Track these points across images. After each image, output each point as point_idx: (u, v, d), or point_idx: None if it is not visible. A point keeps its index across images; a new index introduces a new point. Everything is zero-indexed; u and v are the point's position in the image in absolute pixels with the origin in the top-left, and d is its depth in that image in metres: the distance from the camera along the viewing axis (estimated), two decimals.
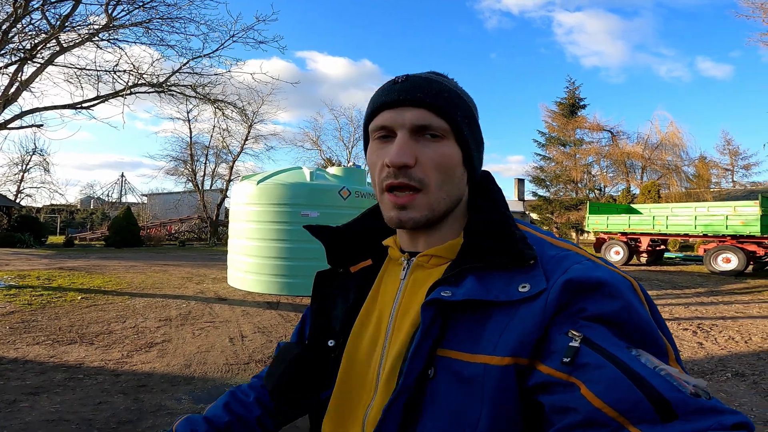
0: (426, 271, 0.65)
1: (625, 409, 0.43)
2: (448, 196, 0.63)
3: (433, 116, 0.61)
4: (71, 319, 5.68)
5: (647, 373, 0.44)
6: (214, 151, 26.72)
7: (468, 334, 0.55)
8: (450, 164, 0.62)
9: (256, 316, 6.14)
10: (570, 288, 0.52)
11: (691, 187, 25.91)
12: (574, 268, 0.55)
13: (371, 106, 0.66)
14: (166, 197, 29.35)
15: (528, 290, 0.54)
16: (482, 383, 0.51)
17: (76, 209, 33.49)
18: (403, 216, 0.61)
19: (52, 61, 9.39)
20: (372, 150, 0.66)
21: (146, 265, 11.93)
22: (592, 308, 0.51)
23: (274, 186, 7.90)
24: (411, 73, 0.65)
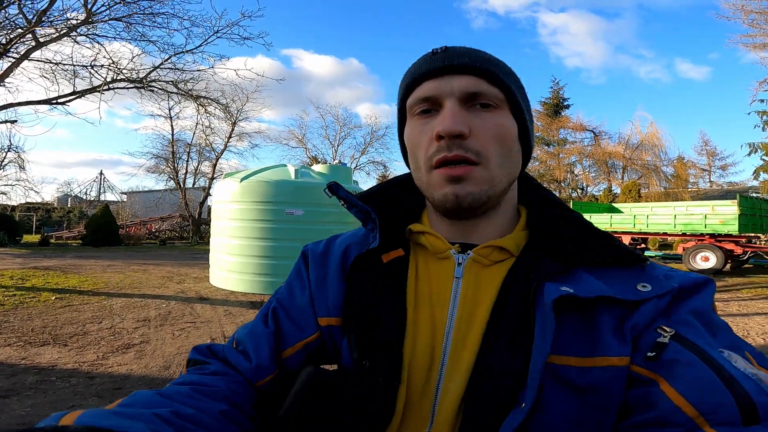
0: (486, 269, 0.55)
1: (708, 410, 0.40)
2: (508, 174, 0.55)
3: (485, 83, 0.54)
4: (44, 320, 5.47)
5: (739, 375, 0.42)
6: (196, 148, 26.28)
7: (579, 336, 0.49)
8: (508, 137, 0.54)
9: (239, 316, 6.01)
10: (681, 293, 0.51)
11: (669, 187, 26.53)
12: (677, 275, 0.54)
13: (408, 78, 0.57)
14: (147, 195, 28.73)
15: (650, 290, 0.51)
16: (608, 388, 0.46)
17: (52, 207, 32.57)
18: (460, 191, 0.52)
19: (27, 56, 9.11)
20: (412, 128, 0.57)
21: (125, 265, 11.63)
22: (689, 305, 0.50)
23: (257, 183, 7.77)
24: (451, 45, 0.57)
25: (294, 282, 0.68)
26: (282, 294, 0.68)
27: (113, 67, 9.99)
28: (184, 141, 25.88)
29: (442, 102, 0.54)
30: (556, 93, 29.73)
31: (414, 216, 0.64)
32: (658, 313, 0.50)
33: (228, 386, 0.55)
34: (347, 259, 0.64)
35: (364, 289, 0.59)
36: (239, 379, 0.58)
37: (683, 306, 0.50)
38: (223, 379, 0.56)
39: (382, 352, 0.54)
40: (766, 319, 6.60)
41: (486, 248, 0.56)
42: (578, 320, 0.49)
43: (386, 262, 0.59)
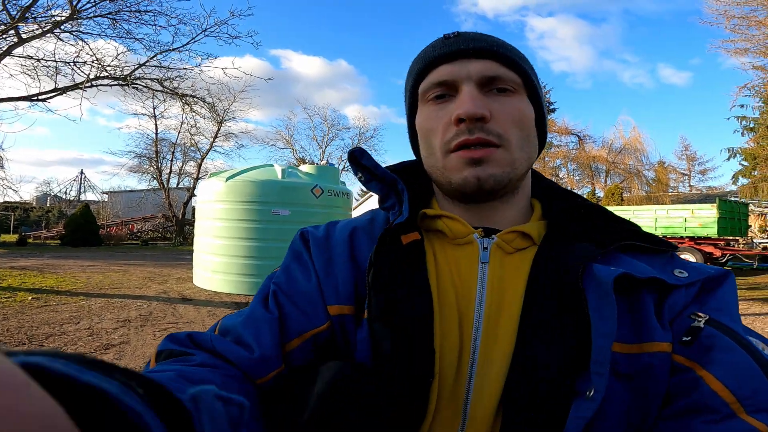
0: (510, 256, 0.52)
1: (746, 396, 0.39)
2: (528, 158, 0.53)
3: (502, 67, 0.52)
4: (20, 320, 5.30)
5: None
6: (181, 148, 25.95)
7: (627, 322, 0.46)
8: (527, 121, 0.53)
9: (222, 317, 5.90)
10: (708, 283, 0.51)
11: (651, 191, 27.09)
12: (703, 267, 0.53)
13: (420, 63, 0.54)
14: (129, 195, 28.23)
15: (687, 276, 0.50)
16: (656, 375, 0.44)
17: (31, 207, 31.77)
18: (481, 173, 0.49)
19: (9, 53, 8.90)
20: (426, 114, 0.54)
21: (105, 265, 11.37)
22: (717, 295, 0.50)
23: (243, 183, 7.66)
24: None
25: (292, 265, 0.59)
26: (279, 278, 0.57)
27: (97, 64, 9.80)
28: (168, 140, 25.59)
29: (458, 86, 0.51)
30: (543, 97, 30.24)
31: (424, 202, 0.59)
32: (689, 300, 0.49)
33: (222, 380, 0.44)
34: (355, 242, 0.57)
35: (382, 273, 0.51)
36: (233, 372, 0.47)
37: (714, 294, 0.50)
38: (214, 372, 0.45)
39: (413, 344, 0.48)
40: (744, 320, 6.71)
41: (510, 233, 0.53)
42: (625, 305, 0.47)
43: (406, 244, 0.53)
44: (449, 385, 0.48)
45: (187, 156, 26.33)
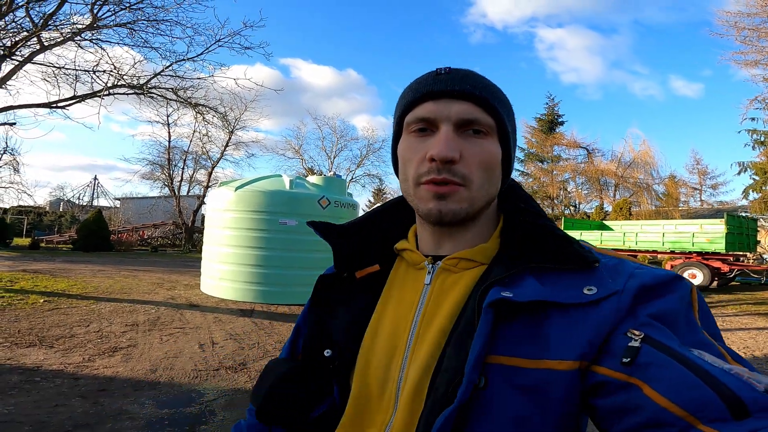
0: (454, 276, 0.61)
1: (696, 408, 0.41)
2: (487, 194, 0.61)
3: (480, 111, 0.58)
4: (32, 322, 5.45)
5: (717, 372, 0.43)
6: (192, 156, 26.28)
7: (527, 339, 0.51)
8: (493, 162, 0.59)
9: (228, 323, 6.01)
10: (642, 291, 0.52)
11: (660, 206, 26.82)
12: (640, 273, 0.54)
13: (411, 95, 0.61)
14: (140, 202, 28.62)
15: (595, 293, 0.52)
16: (547, 391, 0.49)
17: (44, 211, 32.34)
18: (443, 207, 0.58)
19: (31, 59, 9.13)
20: (407, 144, 0.61)
21: (115, 270, 11.56)
22: (654, 306, 0.50)
23: (252, 193, 7.81)
24: (453, 67, 0.62)
25: None
26: None
27: (115, 73, 10.06)
28: (180, 148, 25.94)
29: (438, 124, 0.58)
30: (551, 109, 30.20)
31: (404, 233, 0.71)
32: (621, 314, 0.50)
33: None
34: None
35: (327, 300, 0.68)
36: None
37: (648, 307, 0.51)
38: None
39: (350, 343, 0.63)
40: (747, 334, 6.70)
41: (452, 259, 0.61)
42: (527, 323, 0.52)
43: (359, 278, 0.67)
44: (380, 377, 0.59)
45: (198, 164, 26.71)
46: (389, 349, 0.60)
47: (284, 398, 0.63)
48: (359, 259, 0.68)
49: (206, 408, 3.28)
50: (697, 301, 0.53)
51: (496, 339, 0.51)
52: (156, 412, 3.14)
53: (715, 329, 0.53)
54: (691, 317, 0.51)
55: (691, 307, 0.52)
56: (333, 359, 0.63)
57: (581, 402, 0.50)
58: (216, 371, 4.09)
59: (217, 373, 4.06)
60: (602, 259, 0.57)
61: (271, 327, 5.93)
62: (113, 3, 9.35)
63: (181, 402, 3.35)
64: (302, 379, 0.64)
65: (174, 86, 11.12)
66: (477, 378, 0.49)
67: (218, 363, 4.33)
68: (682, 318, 0.50)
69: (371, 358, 0.60)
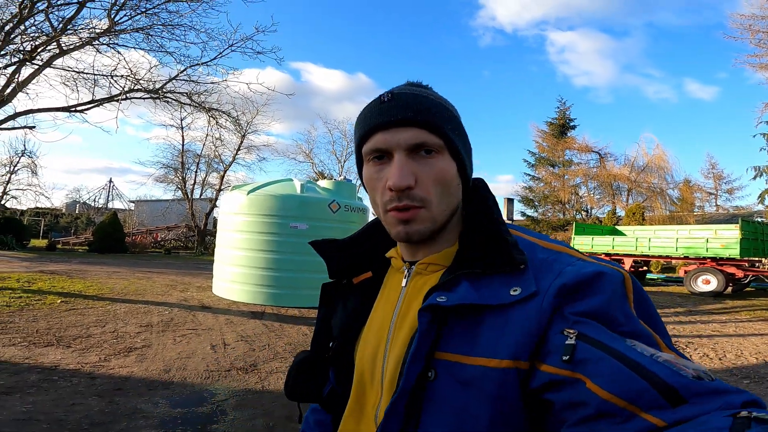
0: (424, 278, 0.67)
1: (633, 398, 0.44)
2: (448, 207, 0.65)
3: (427, 134, 0.62)
4: (49, 322, 5.58)
5: (646, 362, 0.45)
6: (205, 159, 26.64)
7: (465, 338, 0.56)
8: (447, 178, 0.64)
9: (239, 325, 6.09)
10: (564, 291, 0.54)
11: (675, 211, 26.43)
12: (566, 270, 0.56)
13: (362, 128, 0.66)
14: (154, 204, 29.04)
15: (519, 293, 0.56)
16: (481, 385, 0.53)
17: (61, 213, 33.01)
18: (409, 229, 0.63)
19: (50, 64, 9.32)
20: (369, 173, 0.66)
21: (129, 272, 11.77)
22: (584, 304, 0.53)
23: (264, 197, 7.91)
24: (395, 89, 0.66)
25: None
26: None
27: (131, 77, 10.27)
28: (193, 152, 26.32)
29: (392, 152, 0.63)
30: (563, 113, 29.98)
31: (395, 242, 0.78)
32: (547, 314, 0.53)
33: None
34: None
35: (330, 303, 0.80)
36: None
37: (576, 306, 0.53)
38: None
39: (345, 336, 0.75)
40: (760, 339, 6.62)
41: (422, 264, 0.68)
42: (466, 323, 0.57)
43: (356, 284, 0.78)
44: (370, 364, 0.69)
45: (210, 167, 27.06)
46: (376, 342, 0.68)
47: (302, 379, 0.80)
48: (356, 268, 0.78)
49: (218, 408, 3.34)
50: (632, 290, 0.55)
51: (442, 337, 0.57)
52: (169, 411, 3.21)
53: (654, 316, 0.56)
54: (626, 308, 0.53)
55: (626, 299, 0.54)
56: (335, 350, 0.76)
57: (530, 399, 0.52)
58: (227, 372, 4.17)
59: (229, 373, 4.13)
60: (540, 256, 0.60)
61: (282, 329, 6.00)
62: (129, 8, 9.58)
63: (194, 402, 3.42)
64: (312, 366, 0.79)
65: (188, 90, 11.31)
66: (419, 370, 0.56)
67: (230, 364, 4.41)
68: (615, 311, 0.52)
69: (365, 349, 0.70)
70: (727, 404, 0.42)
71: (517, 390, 0.52)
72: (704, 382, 0.44)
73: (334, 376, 0.77)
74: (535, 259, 0.59)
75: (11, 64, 8.75)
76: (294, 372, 0.80)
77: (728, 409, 0.41)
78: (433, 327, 0.57)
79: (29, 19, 8.57)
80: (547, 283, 0.55)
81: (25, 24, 8.62)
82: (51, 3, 8.59)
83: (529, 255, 0.60)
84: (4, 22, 8.30)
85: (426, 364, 0.56)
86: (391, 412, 0.57)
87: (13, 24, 8.27)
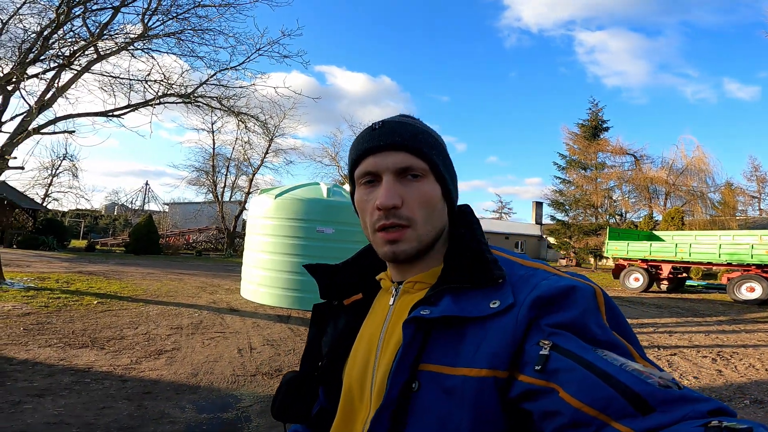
0: (411, 296, 0.70)
1: (603, 407, 0.45)
2: (434, 228, 0.68)
3: (413, 158, 0.67)
4: (85, 323, 5.77)
5: (614, 371, 0.47)
6: (235, 163, 27.24)
7: (447, 349, 0.59)
8: (432, 200, 0.68)
9: (266, 329, 6.14)
10: (538, 303, 0.57)
11: (716, 215, 25.22)
12: (541, 284, 0.59)
13: (354, 153, 0.71)
14: (187, 207, 29.92)
15: (498, 306, 0.58)
16: (462, 394, 0.55)
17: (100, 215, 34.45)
18: (396, 249, 0.67)
19: (88, 69, 9.67)
20: (360, 195, 0.71)
21: (163, 273, 12.12)
22: (558, 317, 0.55)
23: (291, 201, 7.98)
24: (386, 119, 0.71)
25: None
26: None
27: (164, 82, 10.60)
28: (223, 155, 26.95)
29: (381, 175, 0.67)
30: (595, 115, 29.10)
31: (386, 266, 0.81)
32: (522, 326, 0.56)
33: None
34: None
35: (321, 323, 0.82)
36: None
37: (550, 318, 0.55)
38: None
39: (334, 354, 0.76)
40: None
41: (409, 282, 0.71)
42: (448, 336, 0.60)
43: (347, 305, 0.80)
44: (359, 379, 0.70)
45: (239, 171, 27.65)
46: (365, 359, 0.70)
47: (291, 399, 0.79)
48: (347, 289, 0.81)
49: (242, 414, 3.35)
50: (604, 303, 0.58)
51: (426, 349, 0.60)
52: (195, 416, 3.23)
53: (625, 327, 0.59)
54: (600, 320, 0.55)
55: (599, 311, 0.57)
56: (324, 368, 0.77)
57: (510, 408, 0.54)
58: (253, 377, 4.18)
59: (254, 378, 4.14)
60: (519, 272, 0.63)
61: (306, 333, 5.99)
62: (161, 13, 9.87)
63: (219, 407, 3.44)
64: (300, 385, 0.79)
65: (218, 95, 11.56)
66: (403, 381, 0.58)
67: (255, 368, 4.43)
68: (590, 323, 0.54)
69: (354, 367, 0.72)
70: (695, 412, 0.42)
71: (496, 398, 0.54)
72: (671, 390, 0.44)
73: (324, 394, 0.79)
74: (514, 275, 0.63)
75: (50, 69, 9.12)
76: (282, 391, 0.80)
77: (696, 418, 0.41)
78: (417, 339, 0.60)
79: (66, 25, 8.92)
80: (523, 297, 0.58)
81: (63, 29, 8.98)
82: (87, 8, 8.93)
83: (509, 271, 0.63)
84: (42, 28, 8.65)
85: (411, 375, 0.59)
86: (376, 422, 0.59)
87: (51, 29, 8.62)
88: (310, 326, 0.83)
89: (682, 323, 8.47)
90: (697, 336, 7.21)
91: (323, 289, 0.81)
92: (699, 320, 8.89)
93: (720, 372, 5.14)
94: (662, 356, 5.81)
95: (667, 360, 5.63)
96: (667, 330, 7.69)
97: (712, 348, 6.32)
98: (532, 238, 37.50)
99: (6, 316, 5.81)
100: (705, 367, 5.31)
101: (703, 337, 7.16)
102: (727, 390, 4.50)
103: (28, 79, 8.88)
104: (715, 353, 5.99)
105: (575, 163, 28.88)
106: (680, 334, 7.38)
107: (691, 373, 5.09)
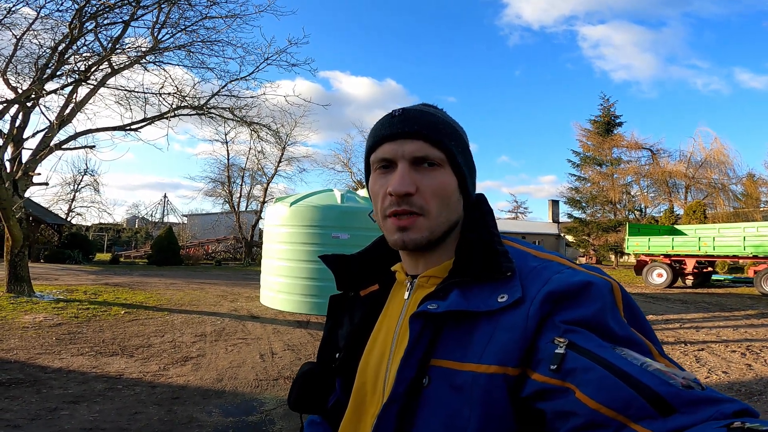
0: (425, 290, 0.68)
1: (621, 408, 0.43)
2: (447, 220, 0.67)
3: (430, 147, 0.65)
4: (114, 332, 5.95)
5: (635, 371, 0.45)
6: (249, 172, 27.56)
7: (457, 344, 0.58)
8: (447, 191, 0.66)
9: (286, 334, 6.23)
10: (551, 298, 0.54)
11: (739, 207, 24.58)
12: (555, 278, 0.57)
13: (372, 139, 0.70)
14: (205, 218, 30.41)
15: (506, 300, 0.57)
16: (471, 390, 0.54)
17: (122, 228, 35.21)
18: (405, 237, 0.65)
19: (104, 83, 9.95)
20: (374, 180, 0.70)
21: (185, 283, 12.36)
22: (574, 313, 0.53)
23: (306, 208, 8.09)
24: (407, 107, 0.70)
25: None
26: None
27: (178, 95, 10.85)
28: (238, 165, 27.34)
29: (397, 162, 0.66)
30: (607, 110, 28.70)
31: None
32: (534, 321, 0.54)
33: None
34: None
35: (337, 314, 0.81)
36: None
37: (565, 314, 0.53)
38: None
39: (351, 347, 0.75)
40: None
41: (424, 277, 0.70)
42: (458, 331, 0.59)
43: (363, 296, 0.79)
44: (374, 373, 0.69)
45: (254, 180, 27.99)
46: (380, 353, 0.69)
47: (308, 390, 0.79)
48: (363, 280, 0.79)
49: (266, 417, 3.42)
50: (622, 299, 0.56)
51: (437, 345, 0.59)
52: (222, 420, 3.32)
53: (643, 323, 0.56)
54: (618, 317, 0.53)
55: (616, 307, 0.54)
56: (340, 360, 0.75)
57: (521, 407, 0.52)
58: (275, 381, 4.26)
59: (276, 383, 4.22)
60: (531, 264, 0.61)
61: None
62: (170, 26, 10.12)
63: (244, 410, 3.52)
64: (317, 377, 0.79)
65: (230, 105, 11.76)
66: (411, 376, 0.58)
67: (277, 373, 4.51)
68: (608, 320, 0.52)
69: (369, 360, 0.70)
70: (719, 413, 0.41)
71: (505, 396, 0.52)
72: (694, 391, 0.43)
73: (341, 386, 0.77)
74: (525, 267, 0.61)
75: (68, 85, 9.42)
76: (299, 383, 0.80)
77: (720, 419, 0.40)
78: (425, 334, 0.59)
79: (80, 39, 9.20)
80: (534, 291, 0.56)
81: (77, 44, 9.26)
82: (98, 23, 9.21)
83: (521, 263, 0.61)
84: (57, 43, 8.94)
85: (419, 370, 0.58)
86: (383, 418, 0.58)
87: (65, 44, 8.90)
88: (327, 318, 0.83)
89: (709, 318, 8.31)
90: (725, 330, 7.07)
91: (339, 279, 0.80)
92: (726, 315, 8.71)
93: (750, 366, 5.05)
94: (689, 352, 5.72)
95: (695, 355, 5.54)
96: (693, 326, 7.55)
97: (741, 342, 6.21)
98: (550, 236, 37.00)
99: (38, 326, 6.03)
100: (734, 362, 5.22)
101: (732, 331, 7.03)
102: (757, 384, 4.42)
103: (46, 95, 9.13)
104: (744, 347, 5.89)
105: (590, 160, 28.50)
106: (708, 329, 7.25)
107: (720, 368, 5.01)
